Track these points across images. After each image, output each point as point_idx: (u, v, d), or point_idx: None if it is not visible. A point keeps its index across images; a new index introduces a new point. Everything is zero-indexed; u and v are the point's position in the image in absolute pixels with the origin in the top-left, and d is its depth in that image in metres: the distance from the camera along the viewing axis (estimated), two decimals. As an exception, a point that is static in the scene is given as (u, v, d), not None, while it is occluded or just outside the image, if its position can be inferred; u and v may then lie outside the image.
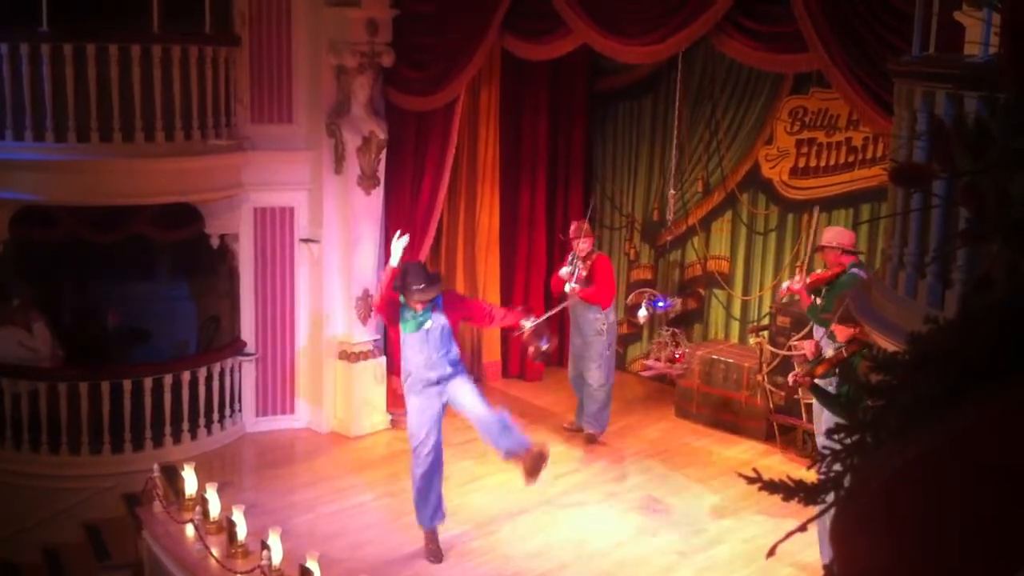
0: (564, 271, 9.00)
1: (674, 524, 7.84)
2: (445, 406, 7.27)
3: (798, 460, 8.43)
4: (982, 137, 2.03)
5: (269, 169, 9.31)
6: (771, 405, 9.05)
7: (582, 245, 8.89)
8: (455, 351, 7.25)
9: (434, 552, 7.26)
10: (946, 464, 1.40)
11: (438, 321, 7.11)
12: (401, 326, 7.21)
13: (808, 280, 7.71)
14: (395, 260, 7.17)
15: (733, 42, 7.69)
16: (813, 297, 7.65)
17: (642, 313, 9.12)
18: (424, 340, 7.10)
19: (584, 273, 8.88)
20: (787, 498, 2.08)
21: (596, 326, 9.00)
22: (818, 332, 7.91)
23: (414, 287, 6.96)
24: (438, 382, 7.14)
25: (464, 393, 7.19)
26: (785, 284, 8.34)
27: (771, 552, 2.10)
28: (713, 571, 7.17)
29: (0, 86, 8.38)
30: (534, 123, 10.62)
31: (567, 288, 8.91)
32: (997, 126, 1.93)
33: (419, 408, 7.20)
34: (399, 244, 7.21)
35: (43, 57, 8.28)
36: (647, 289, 9.65)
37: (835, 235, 7.66)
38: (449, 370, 7.16)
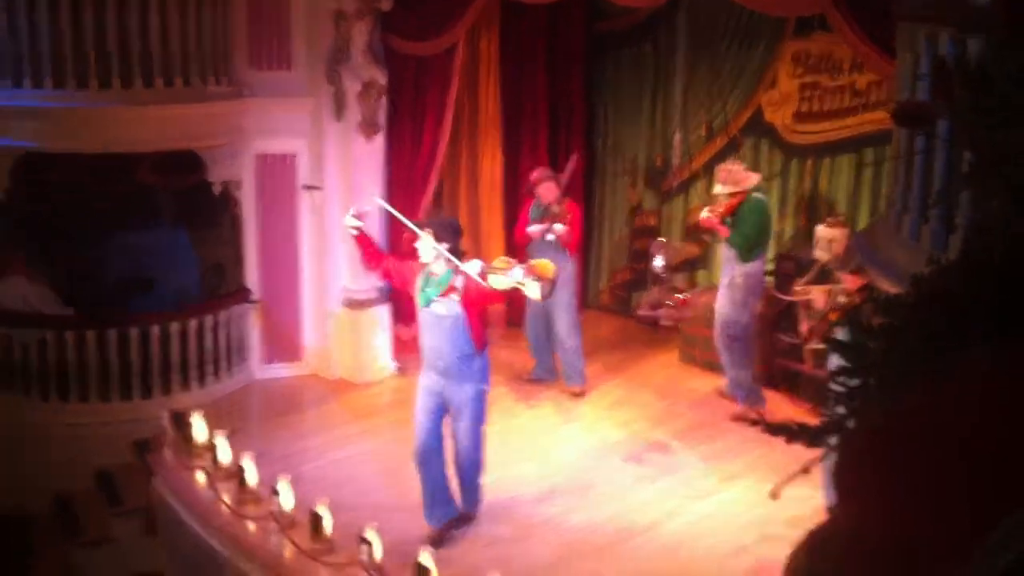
0: (534, 228, 8.79)
1: (678, 469, 7.91)
2: (444, 409, 6.70)
3: (801, 405, 8.49)
4: (983, 78, 2.03)
5: (270, 116, 9.28)
6: (775, 350, 9.07)
7: (553, 191, 8.75)
8: (469, 348, 6.50)
9: (433, 540, 6.59)
10: (946, 409, 1.43)
11: (452, 309, 6.43)
12: (416, 296, 6.59)
13: (720, 211, 8.35)
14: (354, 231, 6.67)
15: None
16: (729, 227, 8.35)
17: (658, 263, 9.14)
18: (434, 324, 6.50)
19: (567, 217, 8.72)
20: (790, 440, 2.13)
21: (563, 274, 8.80)
22: (727, 257, 8.53)
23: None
24: (443, 375, 6.58)
25: (461, 423, 6.66)
26: (704, 214, 8.63)
27: (775, 494, 2.15)
28: (716, 517, 7.24)
29: (-3, 33, 8.34)
30: (534, 69, 10.54)
31: (556, 230, 8.67)
32: (998, 72, 1.93)
33: (419, 391, 6.75)
34: (353, 220, 6.64)
35: (40, 2, 8.22)
36: (663, 240, 9.64)
37: (732, 177, 8.37)
38: (456, 368, 6.53)
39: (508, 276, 6.30)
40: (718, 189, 8.54)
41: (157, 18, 8.46)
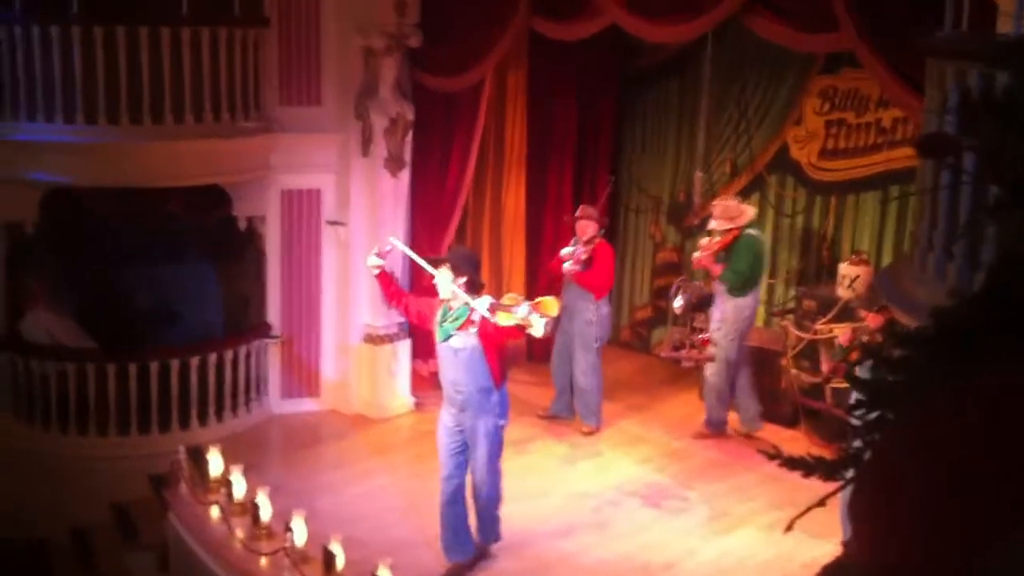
0: (565, 251, 8.85)
1: (695, 508, 7.81)
2: (466, 447, 6.75)
3: (822, 444, 8.36)
4: (1011, 109, 1.98)
5: (297, 151, 9.33)
6: (796, 389, 8.97)
7: (589, 229, 8.78)
8: (487, 381, 6.57)
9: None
10: (959, 444, 1.38)
11: (469, 343, 6.51)
12: (435, 330, 6.69)
13: (712, 251, 8.46)
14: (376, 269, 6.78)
15: (763, 20, 7.61)
16: (722, 265, 8.46)
17: (678, 303, 9.10)
18: (452, 357, 6.59)
19: (584, 256, 8.71)
20: (807, 474, 2.07)
21: (586, 315, 8.80)
22: (719, 292, 8.60)
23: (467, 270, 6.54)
24: (461, 409, 6.66)
25: (478, 456, 6.71)
26: (696, 255, 8.79)
27: (789, 527, 2.08)
28: (735, 554, 7.14)
29: (31, 69, 8.41)
30: (562, 105, 10.55)
31: (565, 267, 8.76)
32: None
33: (441, 426, 6.83)
34: (376, 259, 6.75)
35: (73, 40, 8.31)
36: (684, 278, 9.58)
37: (727, 213, 8.45)
38: (475, 401, 6.59)
39: (514, 312, 6.31)
40: (713, 225, 8.63)
41: (189, 56, 8.52)
